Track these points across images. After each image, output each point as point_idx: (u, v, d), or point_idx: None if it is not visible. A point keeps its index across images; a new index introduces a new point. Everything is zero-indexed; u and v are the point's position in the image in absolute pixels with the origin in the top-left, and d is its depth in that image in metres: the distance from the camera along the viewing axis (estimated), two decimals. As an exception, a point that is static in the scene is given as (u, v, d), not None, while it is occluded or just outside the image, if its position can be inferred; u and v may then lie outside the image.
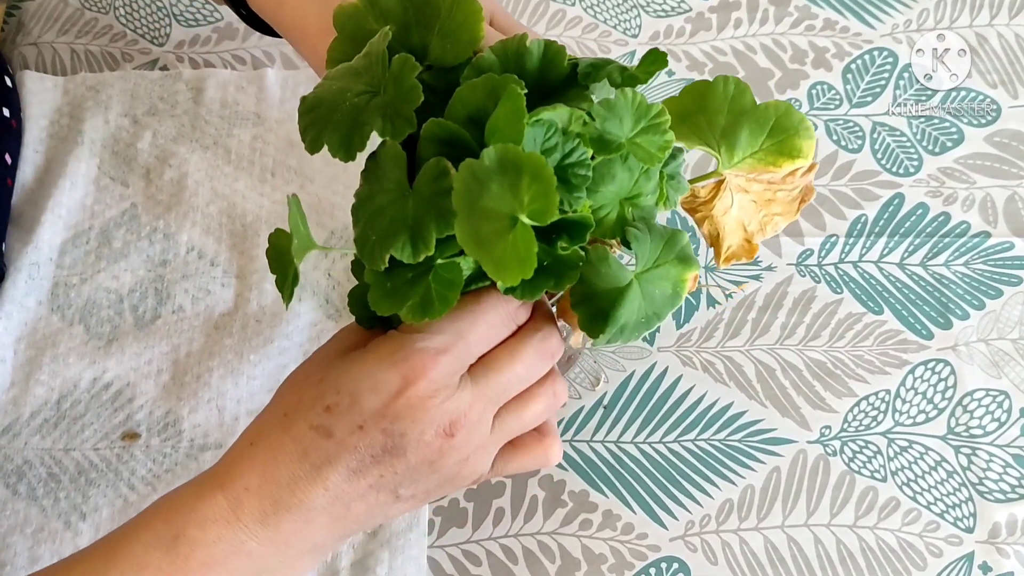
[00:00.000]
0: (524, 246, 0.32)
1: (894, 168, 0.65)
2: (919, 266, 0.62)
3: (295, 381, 0.42)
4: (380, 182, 0.38)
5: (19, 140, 0.65)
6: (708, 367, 0.59)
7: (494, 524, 0.55)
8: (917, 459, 0.57)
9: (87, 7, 0.72)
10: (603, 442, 0.58)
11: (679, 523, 0.56)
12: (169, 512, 0.41)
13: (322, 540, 0.41)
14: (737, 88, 0.41)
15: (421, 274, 0.37)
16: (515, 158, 0.33)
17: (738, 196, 0.42)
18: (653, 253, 0.39)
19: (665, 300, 0.39)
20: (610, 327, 0.37)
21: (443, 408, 0.39)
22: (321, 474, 0.39)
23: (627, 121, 0.37)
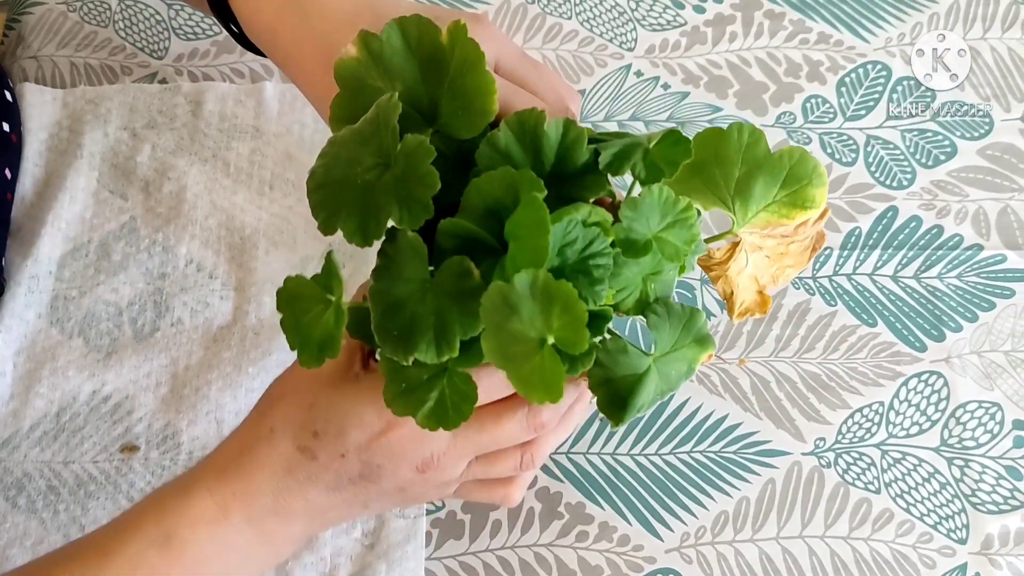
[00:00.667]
0: (551, 370, 0.32)
1: (888, 181, 0.66)
2: (912, 279, 0.63)
3: (283, 396, 0.45)
4: (398, 271, 0.37)
5: (19, 154, 0.65)
6: (703, 379, 0.60)
7: (491, 536, 0.56)
8: (911, 471, 0.58)
9: (86, 20, 0.72)
10: (599, 454, 0.58)
11: (675, 535, 0.56)
12: (158, 513, 0.44)
13: (301, 534, 0.46)
14: (752, 137, 0.40)
15: (437, 376, 0.38)
16: (546, 287, 0.33)
17: (752, 255, 0.42)
18: (672, 336, 0.39)
19: (680, 377, 0.40)
20: (629, 413, 0.38)
21: (419, 450, 0.43)
22: (303, 488, 0.43)
23: (655, 216, 0.37)
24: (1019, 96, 0.69)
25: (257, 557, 0.45)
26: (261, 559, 0.45)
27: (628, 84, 0.69)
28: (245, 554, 0.44)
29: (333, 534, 0.55)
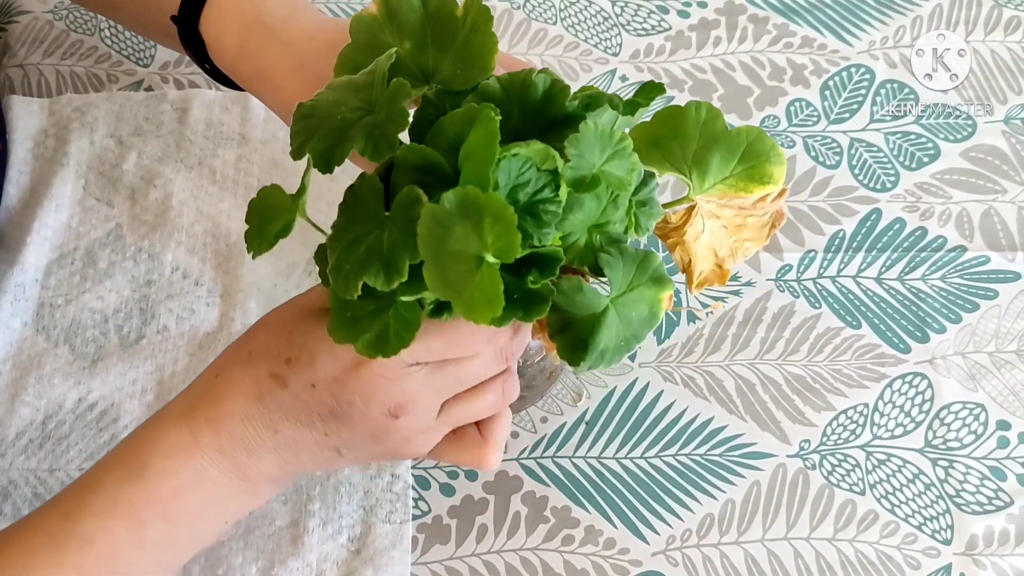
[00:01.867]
0: (491, 285, 0.33)
1: (871, 184, 0.66)
2: (896, 280, 0.63)
3: (270, 325, 0.44)
4: (357, 214, 0.38)
5: (4, 162, 0.65)
6: (689, 382, 0.60)
7: (477, 540, 0.56)
8: (895, 472, 0.58)
9: (72, 29, 0.72)
10: (585, 458, 0.58)
11: (660, 538, 0.56)
12: (137, 445, 0.44)
13: (276, 475, 0.45)
14: (709, 114, 0.42)
15: (382, 308, 0.38)
16: (475, 200, 0.33)
17: (709, 222, 0.43)
18: (627, 276, 0.39)
19: (643, 321, 0.39)
20: (590, 354, 0.38)
21: (392, 389, 0.41)
22: (273, 418, 0.42)
23: (596, 151, 0.37)
24: (1002, 98, 0.69)
25: (236, 494, 0.44)
26: (240, 496, 0.45)
27: (614, 88, 0.70)
28: (223, 488, 0.43)
29: (319, 539, 0.55)
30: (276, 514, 0.56)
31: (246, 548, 0.55)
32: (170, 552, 0.45)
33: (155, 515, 0.43)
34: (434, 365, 0.41)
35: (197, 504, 0.43)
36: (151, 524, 0.43)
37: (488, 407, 0.45)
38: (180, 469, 0.42)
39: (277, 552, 0.55)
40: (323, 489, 0.57)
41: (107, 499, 0.42)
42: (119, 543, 0.42)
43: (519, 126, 0.39)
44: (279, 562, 0.55)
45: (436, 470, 0.58)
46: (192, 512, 0.44)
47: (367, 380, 0.41)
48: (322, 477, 0.57)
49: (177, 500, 0.43)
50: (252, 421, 0.42)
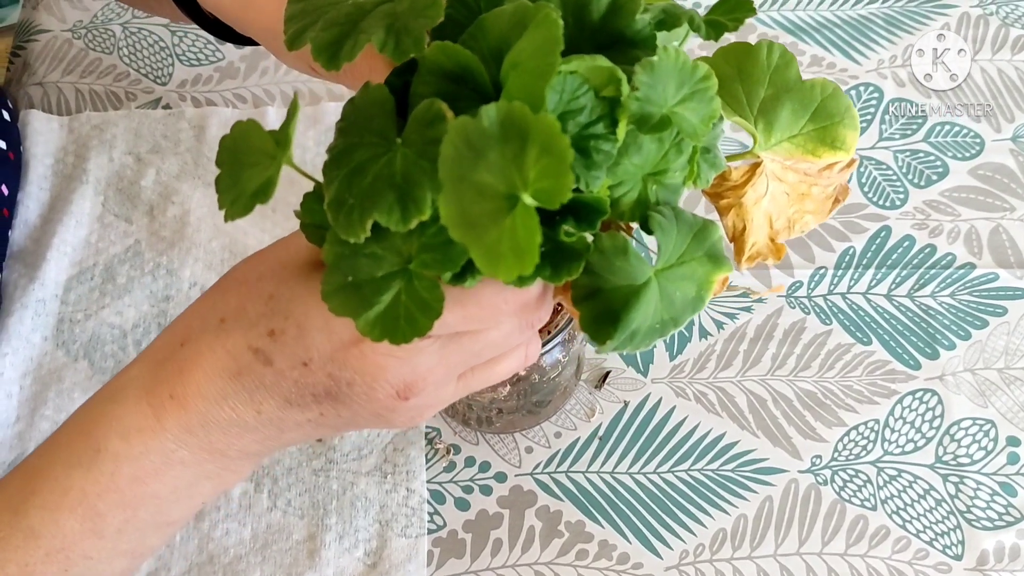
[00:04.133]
0: (524, 233, 0.25)
1: (881, 201, 0.67)
2: (906, 297, 0.64)
3: (244, 282, 0.37)
4: (360, 135, 0.31)
5: (18, 172, 0.66)
6: (701, 398, 0.61)
7: (492, 555, 0.56)
8: (906, 487, 0.58)
9: (91, 47, 0.73)
10: (599, 473, 0.59)
11: (674, 553, 0.57)
12: (88, 424, 0.37)
13: (257, 451, 0.39)
14: (782, 58, 0.36)
15: (393, 275, 0.31)
16: (522, 121, 0.26)
17: (772, 185, 0.36)
18: (679, 246, 0.32)
19: (686, 304, 0.33)
20: (619, 332, 0.31)
21: (400, 369, 0.34)
22: (254, 398, 0.36)
23: (671, 85, 0.30)
24: (1009, 116, 0.70)
25: (210, 473, 0.38)
26: (216, 477, 0.38)
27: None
28: (194, 468, 0.37)
29: (336, 553, 0.56)
30: (293, 528, 0.57)
31: (264, 563, 0.56)
32: (135, 540, 0.39)
33: (113, 503, 0.37)
34: (448, 337, 0.35)
35: (164, 489, 0.37)
36: (109, 513, 0.37)
37: (507, 373, 0.39)
38: (142, 452, 0.36)
39: (295, 566, 0.56)
40: (339, 504, 0.57)
41: (55, 489, 0.37)
42: (72, 536, 0.37)
43: (572, 40, 0.31)
44: (296, 575, 0.55)
45: (451, 485, 0.58)
46: (158, 497, 0.38)
47: (370, 359, 0.34)
48: (338, 492, 0.58)
49: (139, 486, 0.37)
50: (228, 400, 0.36)
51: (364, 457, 0.59)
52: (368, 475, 0.58)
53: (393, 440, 0.59)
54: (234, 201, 0.31)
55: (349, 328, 0.33)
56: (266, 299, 0.35)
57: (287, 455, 0.59)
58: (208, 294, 0.38)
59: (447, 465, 0.59)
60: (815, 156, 0.36)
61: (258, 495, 0.58)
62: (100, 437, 0.36)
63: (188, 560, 0.56)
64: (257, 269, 0.37)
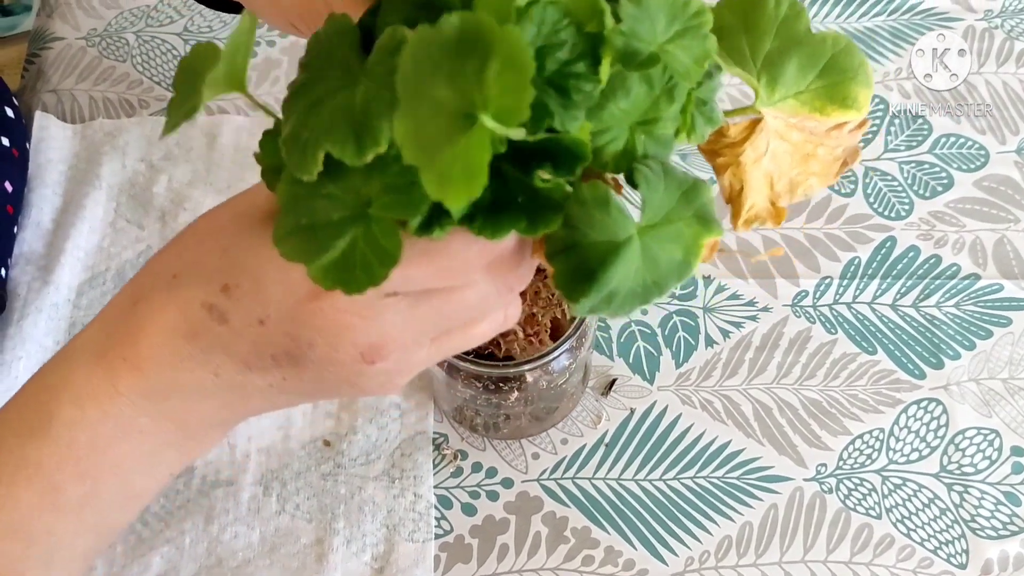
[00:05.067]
0: (476, 153, 0.24)
1: (886, 212, 0.67)
2: (911, 307, 0.64)
3: (199, 235, 0.35)
4: (323, 68, 0.29)
5: (23, 169, 0.67)
6: (707, 406, 0.61)
7: (498, 560, 0.57)
8: (911, 496, 0.59)
9: (105, 55, 0.74)
10: (604, 479, 0.59)
11: (679, 559, 0.57)
12: (42, 392, 0.35)
13: (222, 419, 0.37)
14: (791, 9, 0.34)
15: (351, 219, 0.28)
16: (484, 32, 0.24)
17: (774, 143, 0.34)
18: (666, 203, 0.30)
19: (671, 268, 0.30)
20: (595, 291, 0.29)
21: (364, 328, 0.32)
22: (211, 361, 0.33)
23: (660, 20, 0.28)
24: (1014, 129, 0.70)
25: (173, 442, 0.36)
26: (179, 445, 0.36)
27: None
28: (155, 436, 0.35)
29: (343, 557, 0.56)
30: (301, 532, 0.57)
31: (272, 566, 0.56)
32: (100, 514, 0.37)
33: (71, 475, 0.35)
34: (416, 296, 0.32)
35: (124, 458, 0.35)
36: (68, 486, 0.35)
37: (484, 337, 0.36)
38: (97, 419, 0.34)
39: (302, 570, 0.56)
40: (347, 508, 0.58)
41: (8, 461, 0.35)
42: (30, 511, 0.35)
43: None
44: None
45: (458, 490, 0.59)
46: (119, 467, 0.36)
47: (331, 317, 0.31)
48: (346, 496, 0.58)
49: (97, 455, 0.35)
50: (183, 363, 0.33)
51: (372, 462, 0.59)
52: (376, 480, 0.59)
53: (401, 445, 0.60)
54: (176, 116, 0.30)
55: (308, 282, 0.30)
56: (220, 252, 0.33)
57: (295, 459, 0.59)
58: (163, 250, 0.35)
59: (454, 470, 0.59)
60: (823, 114, 0.34)
61: (267, 499, 0.58)
62: (52, 404, 0.34)
63: (197, 563, 0.56)
64: (213, 222, 0.34)
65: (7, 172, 0.64)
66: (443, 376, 0.53)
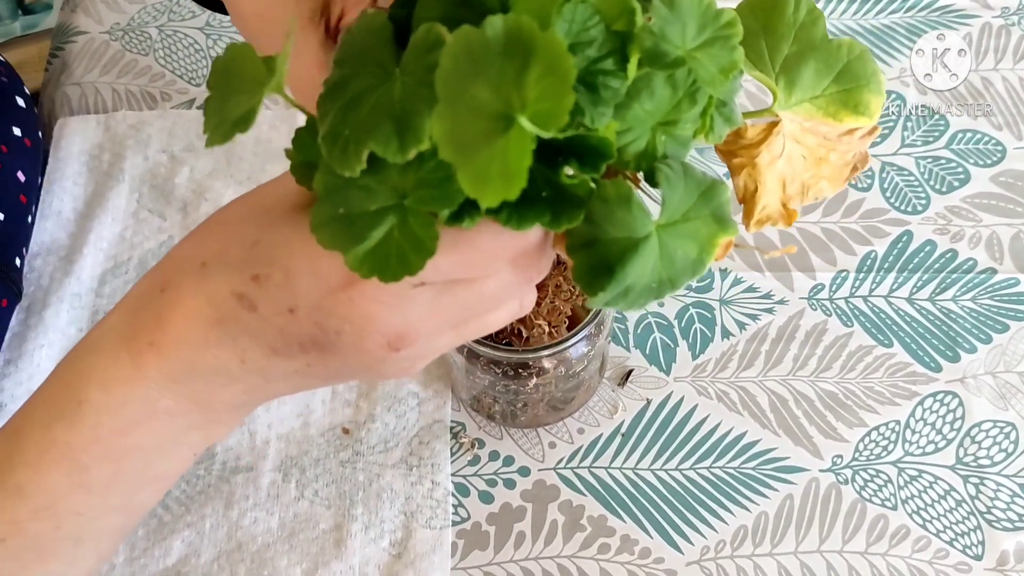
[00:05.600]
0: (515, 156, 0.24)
1: (902, 206, 0.68)
2: (928, 301, 0.64)
3: (228, 224, 0.35)
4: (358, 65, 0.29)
5: (35, 159, 0.67)
6: (723, 397, 0.61)
7: (515, 547, 0.57)
8: (927, 488, 0.59)
9: (128, 49, 0.75)
10: (621, 469, 0.59)
11: (695, 548, 0.57)
12: (70, 376, 0.36)
13: (243, 402, 0.37)
14: (810, 15, 0.34)
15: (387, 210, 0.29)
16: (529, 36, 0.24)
17: (789, 146, 0.35)
18: (684, 202, 0.30)
19: (686, 265, 0.31)
20: (613, 285, 0.30)
21: (391, 317, 0.33)
22: (238, 345, 0.34)
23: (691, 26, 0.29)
24: (1031, 125, 0.71)
25: (197, 424, 0.37)
26: (203, 428, 0.37)
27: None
28: (179, 419, 0.36)
29: (362, 543, 0.57)
30: (320, 518, 0.58)
31: (291, 551, 0.57)
32: (126, 495, 0.38)
33: (98, 456, 0.36)
34: (442, 286, 0.33)
35: (149, 440, 0.36)
36: (95, 467, 0.36)
37: (501, 323, 0.37)
38: (123, 402, 0.35)
39: (321, 555, 0.57)
40: (366, 495, 0.58)
41: (39, 444, 0.36)
42: (59, 492, 0.36)
43: None
44: (323, 564, 0.56)
45: (475, 478, 0.59)
46: (144, 449, 0.37)
47: (360, 306, 0.32)
48: (364, 483, 0.59)
49: (123, 437, 0.36)
50: (211, 348, 0.34)
51: (390, 450, 0.60)
52: (394, 467, 0.59)
53: (419, 433, 0.60)
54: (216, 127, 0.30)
55: (338, 273, 0.32)
56: (250, 244, 0.34)
57: (314, 446, 0.60)
58: (189, 238, 0.36)
59: (471, 459, 0.60)
60: (836, 119, 0.35)
61: (286, 485, 0.59)
62: (80, 389, 0.35)
63: (217, 547, 0.57)
64: (239, 212, 0.35)
65: (20, 161, 0.65)
66: (462, 363, 0.54)
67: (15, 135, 0.66)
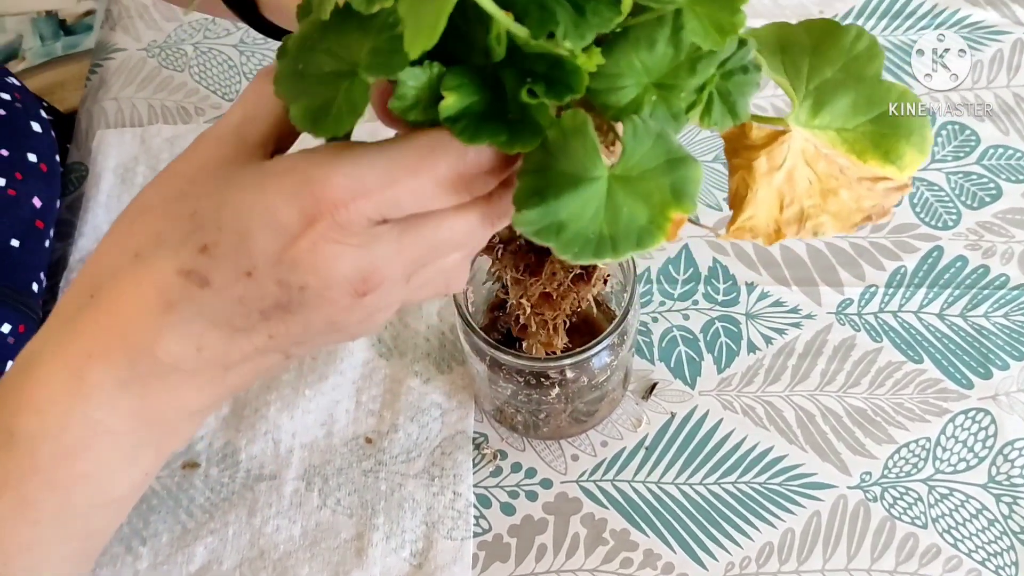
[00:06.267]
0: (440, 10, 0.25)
1: (933, 221, 0.67)
2: (959, 317, 0.63)
3: (149, 208, 0.32)
4: None
5: (51, 183, 0.68)
6: (748, 411, 0.61)
7: (536, 560, 0.57)
8: (958, 507, 0.57)
9: (164, 65, 0.77)
10: (644, 482, 0.59)
11: (719, 564, 0.56)
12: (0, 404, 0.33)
13: (199, 406, 0.34)
14: (869, 51, 0.33)
15: (340, 75, 0.30)
16: None
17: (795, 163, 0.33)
18: (646, 161, 0.29)
19: (632, 228, 0.29)
20: (543, 209, 0.29)
21: (355, 260, 0.31)
22: (193, 331, 0.31)
23: None
24: (1065, 141, 0.70)
25: (147, 440, 0.34)
26: (155, 444, 0.34)
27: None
28: (127, 437, 0.33)
29: (383, 552, 0.57)
30: (342, 527, 0.58)
31: (312, 559, 0.57)
32: (79, 524, 0.35)
33: (40, 487, 0.33)
34: (404, 223, 0.32)
35: (95, 465, 0.33)
36: (39, 499, 0.33)
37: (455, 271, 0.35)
38: (60, 428, 0.32)
39: (342, 564, 0.57)
40: (387, 504, 0.58)
41: None
42: (4, 525, 0.34)
43: None
44: (343, 573, 0.56)
45: (497, 489, 0.59)
46: (91, 475, 0.34)
47: (323, 251, 0.30)
48: (387, 493, 0.59)
49: (65, 465, 0.33)
50: (162, 341, 0.31)
51: (412, 460, 0.60)
52: (416, 477, 0.59)
53: (441, 444, 0.60)
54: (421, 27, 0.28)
55: (296, 217, 0.30)
56: (188, 218, 0.31)
57: (337, 455, 0.60)
58: (109, 237, 0.33)
59: (493, 470, 0.59)
60: (860, 158, 0.33)
61: (308, 493, 0.59)
62: (10, 416, 0.32)
63: (240, 554, 0.57)
64: (161, 193, 0.33)
65: (35, 187, 0.66)
66: (485, 372, 0.54)
67: (30, 161, 0.66)
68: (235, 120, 0.33)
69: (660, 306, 0.65)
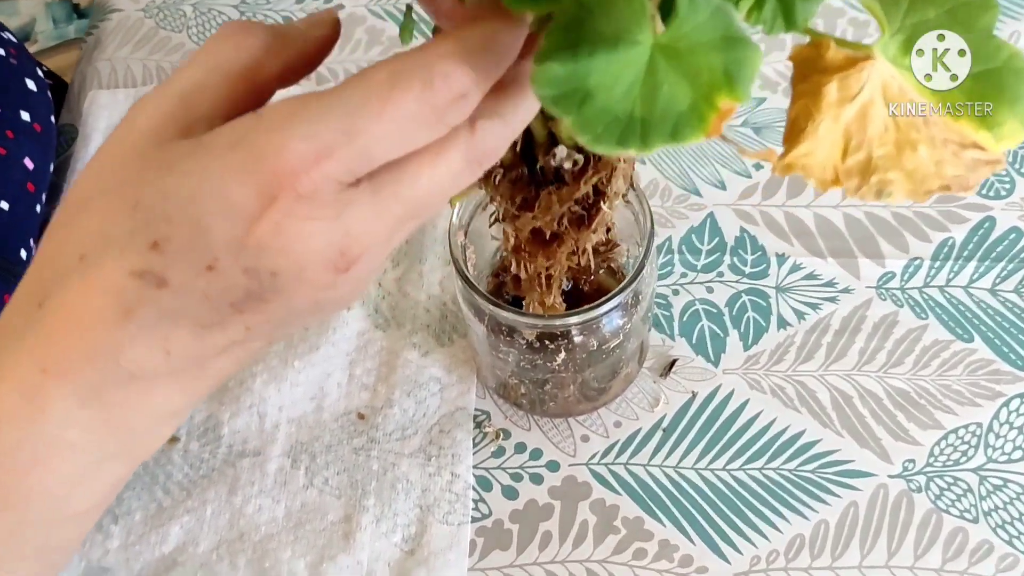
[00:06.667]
0: None
1: (984, 191, 0.61)
2: (1013, 292, 0.57)
3: (86, 202, 0.29)
4: None
5: (46, 144, 0.64)
6: (777, 391, 0.55)
7: (540, 548, 0.51)
8: (1013, 499, 0.51)
9: (162, 26, 0.73)
10: (661, 467, 0.53)
11: (743, 558, 0.51)
12: None
13: (175, 407, 0.31)
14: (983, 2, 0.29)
15: None
16: None
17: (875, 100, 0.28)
18: (699, 32, 0.25)
19: (669, 113, 0.25)
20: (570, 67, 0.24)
21: (328, 234, 0.27)
22: (157, 336, 0.28)
23: None
24: None
25: (115, 454, 0.31)
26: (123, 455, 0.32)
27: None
28: (91, 453, 0.30)
29: (372, 537, 0.52)
30: (329, 508, 0.53)
31: (295, 542, 0.52)
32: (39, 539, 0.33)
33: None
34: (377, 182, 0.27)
35: (54, 479, 0.31)
36: None
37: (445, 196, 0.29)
38: (14, 447, 0.30)
39: (328, 548, 0.52)
40: (379, 485, 0.53)
41: None
42: None
43: None
44: (329, 558, 0.51)
45: (499, 471, 0.54)
46: (51, 490, 0.31)
47: (290, 230, 0.26)
48: (379, 472, 0.54)
49: (18, 482, 0.30)
50: (124, 351, 0.28)
51: (408, 438, 0.55)
52: (411, 456, 0.54)
53: (439, 421, 0.55)
54: None
55: (253, 196, 0.26)
56: (130, 211, 0.27)
57: (327, 432, 0.55)
58: (49, 236, 0.29)
59: (496, 450, 0.54)
60: (952, 116, 0.28)
61: (294, 471, 0.54)
62: None
63: (218, 535, 0.52)
64: (99, 180, 0.29)
65: (28, 148, 0.62)
66: (485, 336, 0.49)
67: (23, 120, 0.63)
68: (183, 86, 0.29)
69: (682, 278, 0.59)
